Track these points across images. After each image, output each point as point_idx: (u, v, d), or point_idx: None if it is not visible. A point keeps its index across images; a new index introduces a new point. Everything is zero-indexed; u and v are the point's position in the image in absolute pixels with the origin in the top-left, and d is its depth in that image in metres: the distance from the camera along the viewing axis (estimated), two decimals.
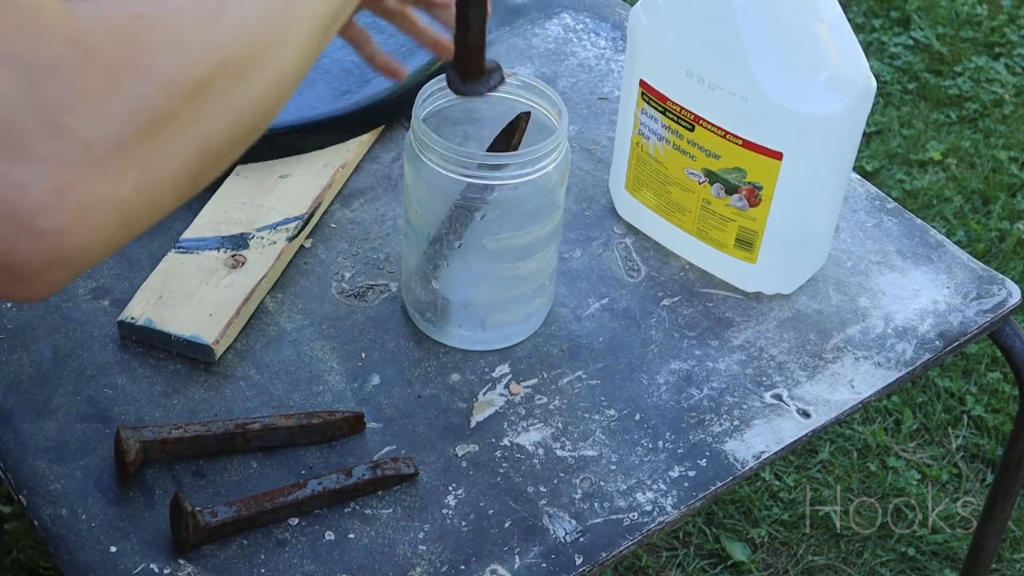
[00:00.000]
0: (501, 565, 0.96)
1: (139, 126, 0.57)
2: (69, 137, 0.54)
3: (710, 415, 1.07)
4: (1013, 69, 2.73)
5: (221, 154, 0.64)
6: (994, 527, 1.36)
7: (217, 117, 0.62)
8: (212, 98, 0.61)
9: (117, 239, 0.58)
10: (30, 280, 0.56)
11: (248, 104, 0.64)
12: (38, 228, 0.54)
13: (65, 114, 0.54)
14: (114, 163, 0.56)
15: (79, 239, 0.56)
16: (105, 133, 0.56)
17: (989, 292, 1.19)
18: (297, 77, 0.69)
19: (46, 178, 0.54)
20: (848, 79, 1.05)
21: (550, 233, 1.06)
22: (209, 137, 0.62)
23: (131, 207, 0.58)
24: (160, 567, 0.95)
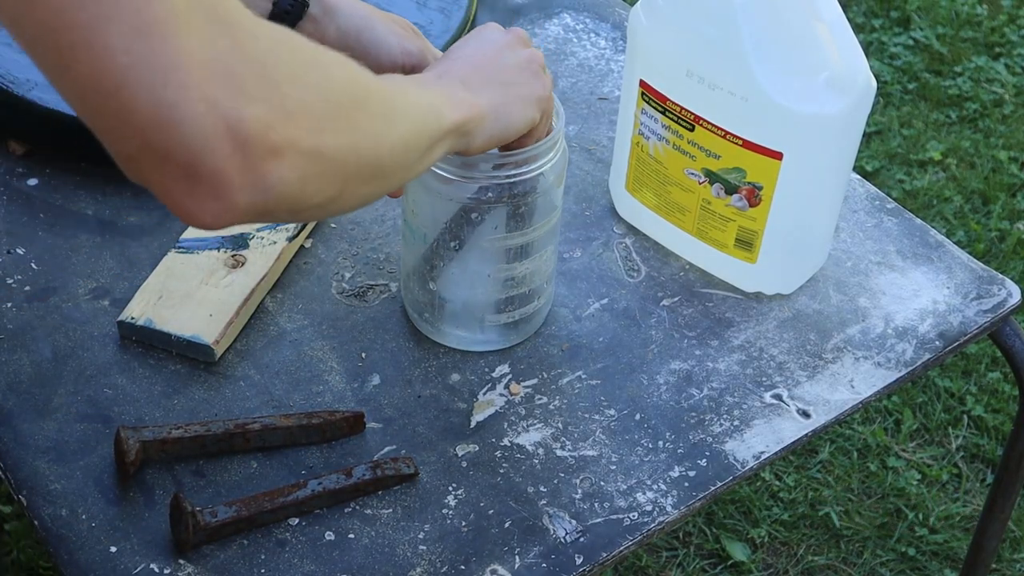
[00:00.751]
0: (501, 565, 0.96)
1: (317, 99, 0.69)
2: (273, 86, 0.66)
3: (710, 415, 1.07)
4: (1013, 69, 2.73)
5: (364, 171, 0.75)
6: (994, 527, 1.36)
7: (370, 132, 0.75)
8: (367, 114, 0.74)
9: (290, 189, 0.68)
10: (223, 198, 0.65)
11: (389, 140, 0.78)
12: (248, 149, 0.64)
13: (268, 69, 0.66)
14: (301, 120, 0.68)
15: (271, 169, 0.66)
16: (295, 93, 0.67)
17: (989, 292, 1.19)
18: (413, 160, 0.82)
19: (258, 112, 0.65)
20: (848, 79, 1.05)
21: (547, 234, 1.06)
22: (363, 144, 0.74)
23: (306, 167, 0.68)
24: (160, 567, 0.95)
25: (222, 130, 0.63)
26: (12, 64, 1.27)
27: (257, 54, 0.65)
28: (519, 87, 0.95)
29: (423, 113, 0.84)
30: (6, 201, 1.21)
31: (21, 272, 1.15)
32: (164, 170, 0.64)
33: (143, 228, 1.19)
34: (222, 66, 0.63)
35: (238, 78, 0.64)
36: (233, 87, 0.64)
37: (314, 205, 0.72)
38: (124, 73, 0.61)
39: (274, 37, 0.68)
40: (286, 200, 0.68)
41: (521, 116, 0.94)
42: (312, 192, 0.70)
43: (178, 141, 0.63)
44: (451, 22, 1.38)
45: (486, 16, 1.46)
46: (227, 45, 0.64)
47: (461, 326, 1.09)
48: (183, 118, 0.62)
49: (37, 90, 1.24)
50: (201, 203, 0.66)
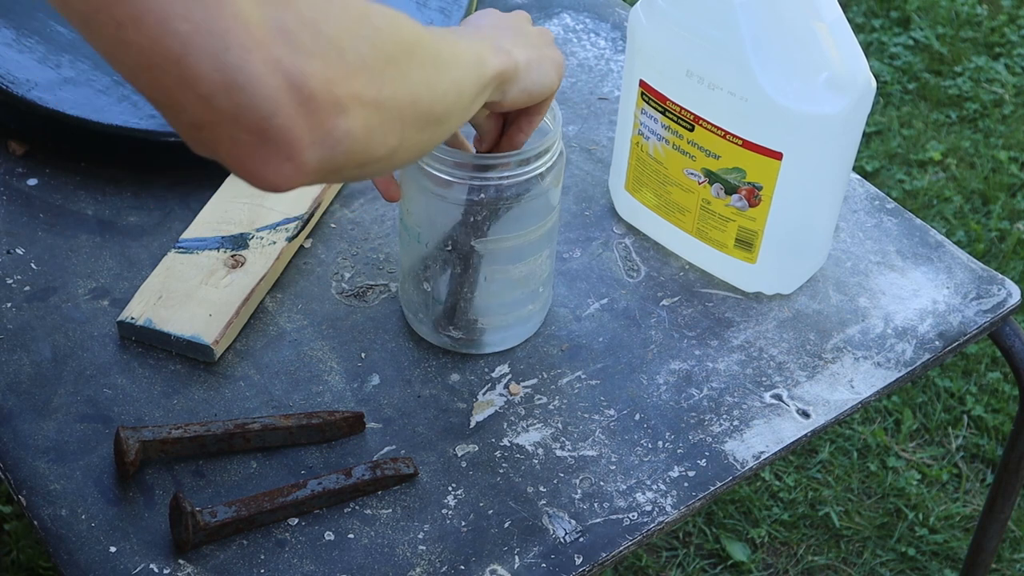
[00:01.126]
0: (501, 565, 0.96)
1: (372, 52, 0.69)
2: (329, 43, 0.66)
3: (710, 415, 1.07)
4: (1013, 69, 2.73)
5: (421, 118, 0.76)
6: (994, 527, 1.36)
7: (422, 81, 0.75)
8: (417, 64, 0.74)
9: (356, 147, 0.69)
10: (293, 158, 0.66)
11: (441, 88, 0.78)
12: (313, 106, 0.65)
13: (321, 25, 0.66)
14: (360, 74, 0.68)
15: (337, 123, 0.67)
16: (351, 47, 0.68)
17: (989, 292, 1.19)
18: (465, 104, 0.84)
19: (319, 68, 0.65)
20: (848, 79, 1.05)
21: (543, 237, 1.05)
22: (418, 93, 0.74)
23: (370, 118, 0.69)
24: (160, 567, 0.95)
25: (287, 89, 0.64)
26: (12, 64, 1.27)
27: (309, 12, 0.66)
28: (545, 49, 0.96)
29: (469, 60, 0.84)
30: (6, 201, 1.21)
31: (21, 272, 1.15)
32: (233, 136, 0.65)
33: (143, 228, 1.20)
34: (278, 26, 0.64)
35: (295, 36, 0.64)
36: (292, 46, 0.64)
37: (379, 157, 0.73)
38: (185, 41, 0.62)
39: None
40: (354, 154, 0.69)
41: (550, 77, 0.96)
42: (378, 143, 0.71)
43: (246, 104, 0.63)
44: (451, 22, 1.38)
45: None
46: (280, 5, 0.64)
47: (456, 328, 1.09)
48: (248, 80, 0.63)
49: (37, 90, 1.24)
50: (273, 165, 0.66)
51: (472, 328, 1.08)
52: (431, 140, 0.81)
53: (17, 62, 1.27)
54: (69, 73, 1.27)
